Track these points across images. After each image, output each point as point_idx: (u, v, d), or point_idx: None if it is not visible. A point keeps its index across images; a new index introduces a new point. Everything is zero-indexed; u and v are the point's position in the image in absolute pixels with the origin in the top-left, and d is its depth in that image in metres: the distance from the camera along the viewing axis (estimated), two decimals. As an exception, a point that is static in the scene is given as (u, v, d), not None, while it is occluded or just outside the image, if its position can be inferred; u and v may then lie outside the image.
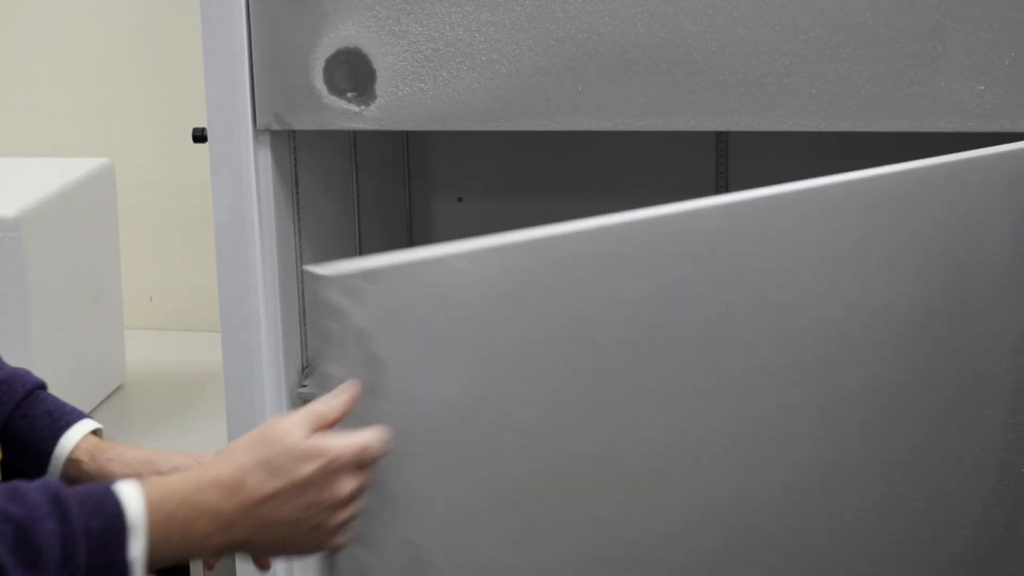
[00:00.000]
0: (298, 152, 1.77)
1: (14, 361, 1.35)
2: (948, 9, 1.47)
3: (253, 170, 1.63)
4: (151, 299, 2.56)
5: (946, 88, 1.49)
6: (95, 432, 1.30)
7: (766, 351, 1.32)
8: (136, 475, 1.24)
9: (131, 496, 0.94)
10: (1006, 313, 1.48)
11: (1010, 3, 1.46)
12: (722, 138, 2.08)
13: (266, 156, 1.66)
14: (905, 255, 1.40)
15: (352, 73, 1.57)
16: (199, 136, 1.71)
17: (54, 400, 1.32)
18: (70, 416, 1.30)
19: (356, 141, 1.99)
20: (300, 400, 1.76)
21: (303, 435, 1.00)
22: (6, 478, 1.25)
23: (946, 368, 1.46)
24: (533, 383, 1.21)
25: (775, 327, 1.33)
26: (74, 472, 1.28)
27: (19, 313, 1.89)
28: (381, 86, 1.57)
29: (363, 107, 1.58)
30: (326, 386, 1.08)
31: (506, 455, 1.21)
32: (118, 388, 2.18)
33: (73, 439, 1.29)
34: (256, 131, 1.63)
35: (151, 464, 1.28)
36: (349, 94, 1.58)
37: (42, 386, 1.31)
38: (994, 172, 1.44)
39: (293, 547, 1.02)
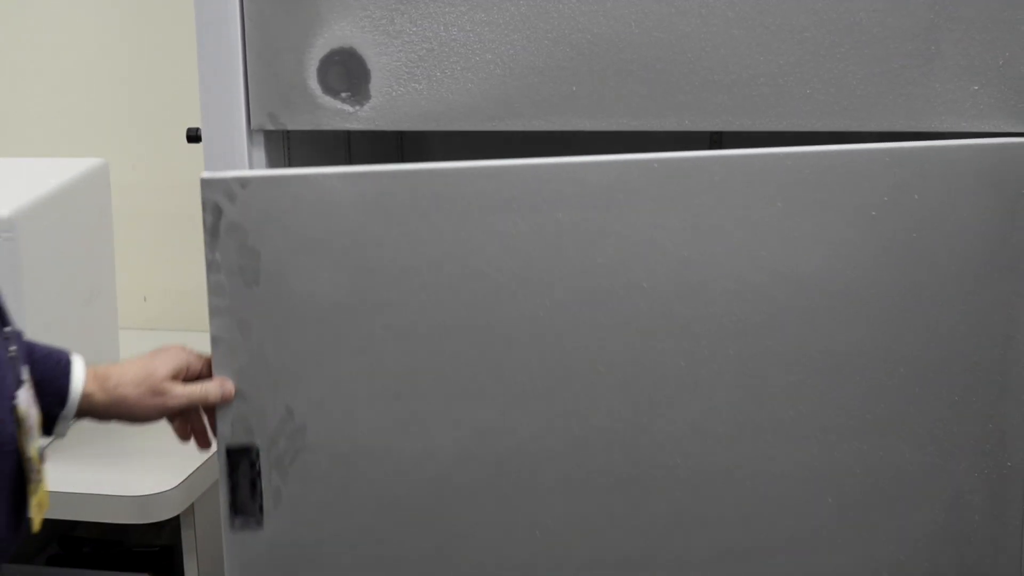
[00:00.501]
0: (292, 152, 1.77)
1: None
2: (942, 9, 1.47)
3: (247, 170, 1.63)
4: (145, 299, 2.55)
5: (940, 88, 1.49)
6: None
7: (669, 301, 1.46)
8: (148, 389, 1.39)
9: None
10: (987, 305, 1.50)
11: (1004, 3, 1.46)
12: (716, 138, 2.08)
13: (260, 156, 1.66)
14: (843, 231, 1.48)
15: (346, 73, 1.57)
16: (193, 136, 1.70)
17: (39, 343, 1.40)
18: (62, 353, 1.39)
19: (350, 141, 1.99)
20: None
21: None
22: None
23: (901, 347, 1.51)
24: (410, 294, 1.42)
25: (679, 280, 1.46)
26: (87, 405, 1.38)
27: (14, 313, 1.88)
28: (375, 86, 1.57)
29: (357, 107, 1.58)
30: (212, 270, 1.39)
31: (384, 351, 1.43)
32: (113, 388, 2.17)
33: (80, 375, 1.38)
34: (250, 131, 1.62)
35: (150, 375, 1.40)
36: (343, 94, 1.58)
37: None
38: (959, 164, 1.49)
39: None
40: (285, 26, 1.57)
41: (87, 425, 1.44)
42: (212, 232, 1.39)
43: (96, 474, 1.91)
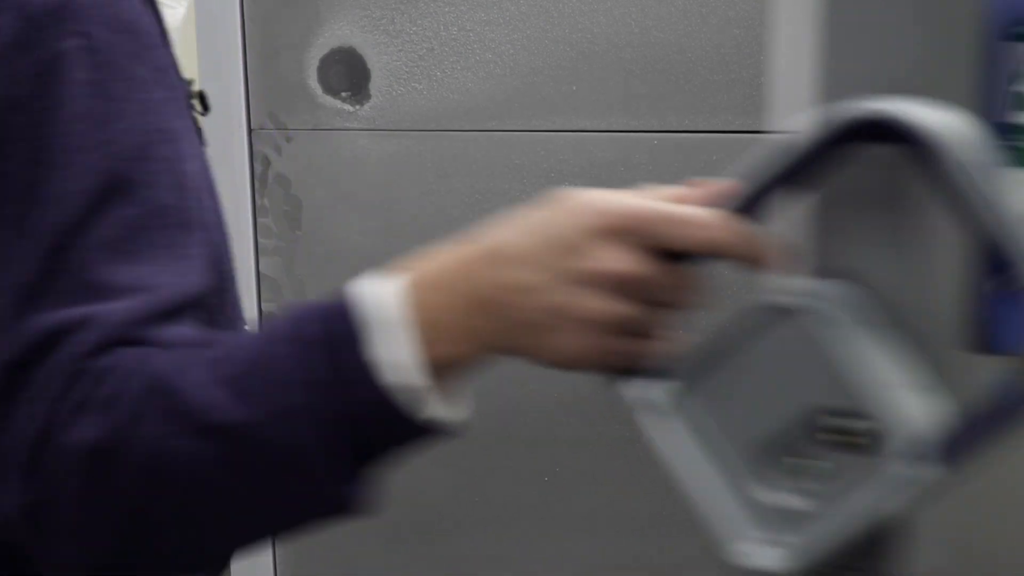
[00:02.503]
0: (293, 151, 1.77)
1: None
2: (942, 9, 1.47)
3: (248, 169, 1.63)
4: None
5: (940, 88, 1.49)
6: None
7: None
8: None
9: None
10: None
11: (1004, 3, 1.46)
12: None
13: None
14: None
15: (346, 73, 1.57)
16: (193, 135, 1.71)
17: None
18: None
19: (351, 139, 2.00)
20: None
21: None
22: None
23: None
24: (429, 247, 1.54)
25: None
26: None
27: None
28: (375, 86, 1.57)
29: (357, 107, 1.58)
30: (261, 214, 1.64)
31: None
32: (113, 386, 2.18)
33: None
34: (251, 130, 1.63)
35: None
36: (343, 93, 1.58)
37: None
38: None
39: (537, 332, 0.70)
40: (285, 26, 1.57)
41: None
42: (261, 180, 1.61)
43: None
